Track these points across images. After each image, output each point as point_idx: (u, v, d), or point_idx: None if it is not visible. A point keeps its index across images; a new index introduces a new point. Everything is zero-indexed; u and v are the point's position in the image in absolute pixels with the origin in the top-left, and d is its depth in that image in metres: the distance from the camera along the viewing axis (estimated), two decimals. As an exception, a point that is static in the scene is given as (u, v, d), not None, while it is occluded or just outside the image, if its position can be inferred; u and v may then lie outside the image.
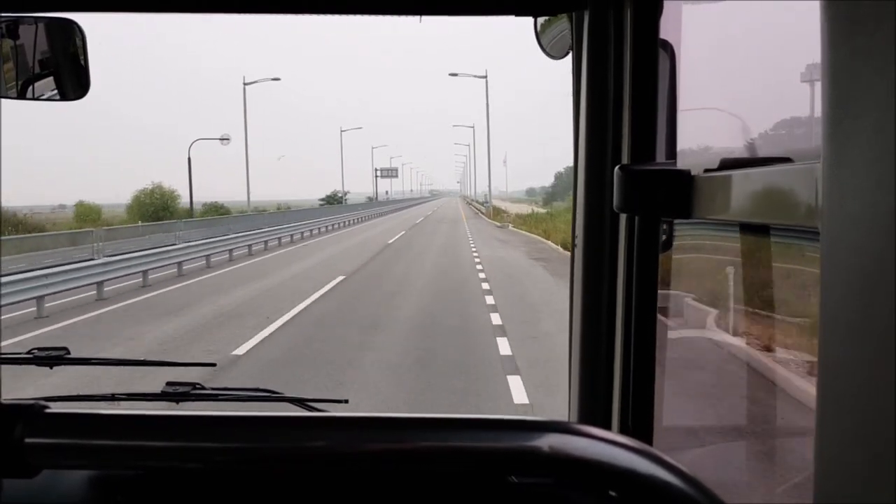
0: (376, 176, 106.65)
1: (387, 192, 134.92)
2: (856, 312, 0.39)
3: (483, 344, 9.15)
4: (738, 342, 1.96)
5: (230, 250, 22.81)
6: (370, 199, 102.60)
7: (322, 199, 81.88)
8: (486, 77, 55.47)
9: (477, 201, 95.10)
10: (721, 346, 2.09)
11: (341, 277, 16.31)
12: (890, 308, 0.36)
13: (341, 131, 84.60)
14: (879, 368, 0.37)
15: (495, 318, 10.78)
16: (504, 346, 8.86)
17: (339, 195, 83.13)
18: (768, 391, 1.67)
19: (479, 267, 18.32)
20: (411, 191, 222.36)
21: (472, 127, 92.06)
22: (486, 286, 14.49)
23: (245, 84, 46.77)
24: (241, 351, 8.75)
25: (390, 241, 28.83)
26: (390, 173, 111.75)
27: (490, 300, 12.63)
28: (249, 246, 24.76)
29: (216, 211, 51.60)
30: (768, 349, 1.73)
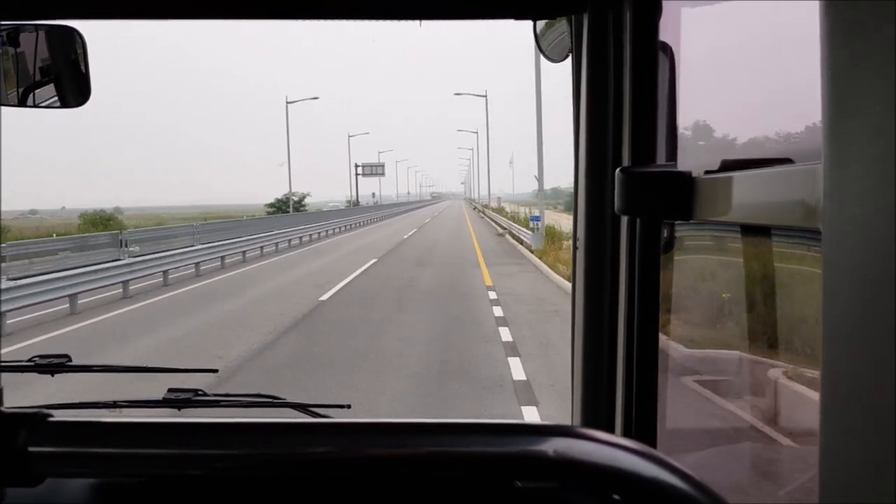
0: (357, 174, 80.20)
1: (374, 195, 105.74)
2: (858, 313, 0.39)
3: None
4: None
5: None
6: (350, 203, 76.46)
7: (270, 206, 58.19)
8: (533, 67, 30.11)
9: (488, 207, 68.36)
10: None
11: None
12: (892, 309, 0.36)
13: (287, 103, 50.20)
14: (883, 369, 0.37)
15: None
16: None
17: (296, 199, 57.49)
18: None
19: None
20: (408, 193, 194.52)
21: (485, 95, 54.34)
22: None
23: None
24: None
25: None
26: (375, 170, 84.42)
27: None
28: None
29: (100, 223, 36.54)
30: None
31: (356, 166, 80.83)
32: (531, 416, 6.18)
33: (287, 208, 52.11)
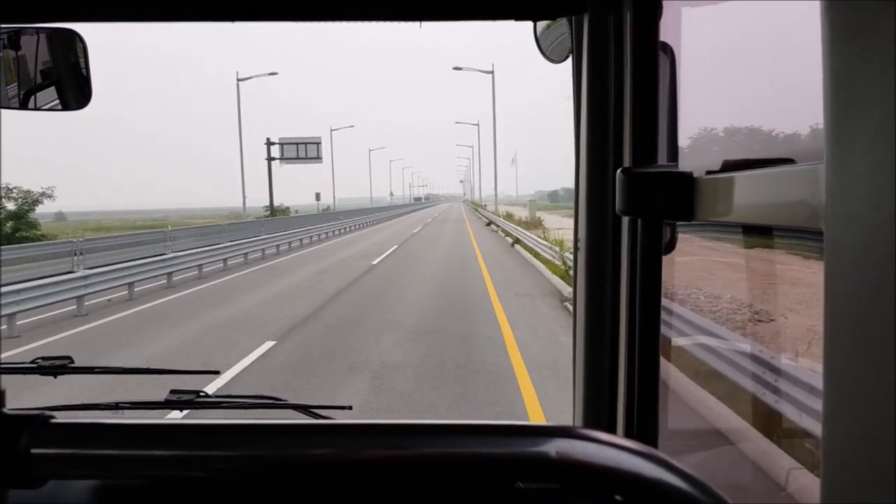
0: (269, 158, 41.80)
1: (318, 196, 58.46)
2: (860, 313, 0.39)
3: None
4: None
5: None
6: (270, 213, 40.56)
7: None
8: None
9: (512, 223, 33.59)
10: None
11: None
12: (893, 308, 0.36)
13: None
14: (884, 368, 0.37)
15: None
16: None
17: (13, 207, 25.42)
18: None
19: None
20: (391, 194, 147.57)
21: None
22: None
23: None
24: None
25: None
26: (302, 153, 43.72)
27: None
28: None
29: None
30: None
31: (268, 144, 42.83)
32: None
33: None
